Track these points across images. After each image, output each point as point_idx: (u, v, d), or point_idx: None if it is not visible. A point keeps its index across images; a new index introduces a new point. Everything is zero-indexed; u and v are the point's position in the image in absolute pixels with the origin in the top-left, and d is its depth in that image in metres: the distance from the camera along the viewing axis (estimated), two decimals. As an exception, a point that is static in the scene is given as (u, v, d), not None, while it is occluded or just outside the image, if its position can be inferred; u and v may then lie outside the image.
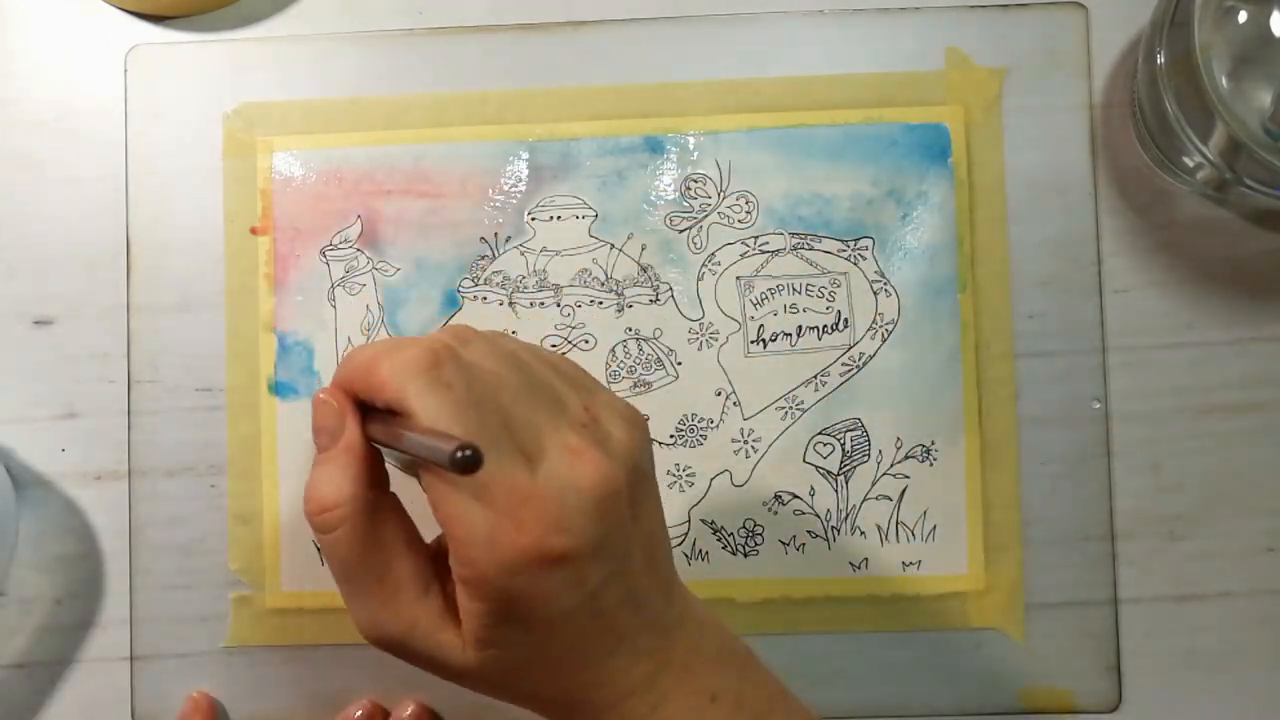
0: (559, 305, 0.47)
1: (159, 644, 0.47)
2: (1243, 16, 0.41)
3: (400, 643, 0.34)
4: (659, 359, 0.47)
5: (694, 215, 0.47)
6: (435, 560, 0.35)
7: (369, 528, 0.34)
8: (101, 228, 0.48)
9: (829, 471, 0.47)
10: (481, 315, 0.47)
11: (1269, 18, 0.41)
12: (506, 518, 0.31)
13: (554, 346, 0.47)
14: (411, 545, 0.35)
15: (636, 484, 0.34)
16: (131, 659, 0.47)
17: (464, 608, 0.33)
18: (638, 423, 0.35)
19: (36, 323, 0.48)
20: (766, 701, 0.36)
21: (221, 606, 0.47)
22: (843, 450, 0.47)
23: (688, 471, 0.47)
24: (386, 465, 0.36)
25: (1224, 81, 0.40)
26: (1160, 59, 0.42)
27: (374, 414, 0.34)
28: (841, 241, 0.47)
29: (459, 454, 0.28)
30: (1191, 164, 0.43)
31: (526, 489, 0.32)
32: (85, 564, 0.47)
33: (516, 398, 0.33)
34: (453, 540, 0.32)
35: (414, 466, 0.34)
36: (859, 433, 0.47)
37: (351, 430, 0.35)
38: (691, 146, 0.47)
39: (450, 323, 0.47)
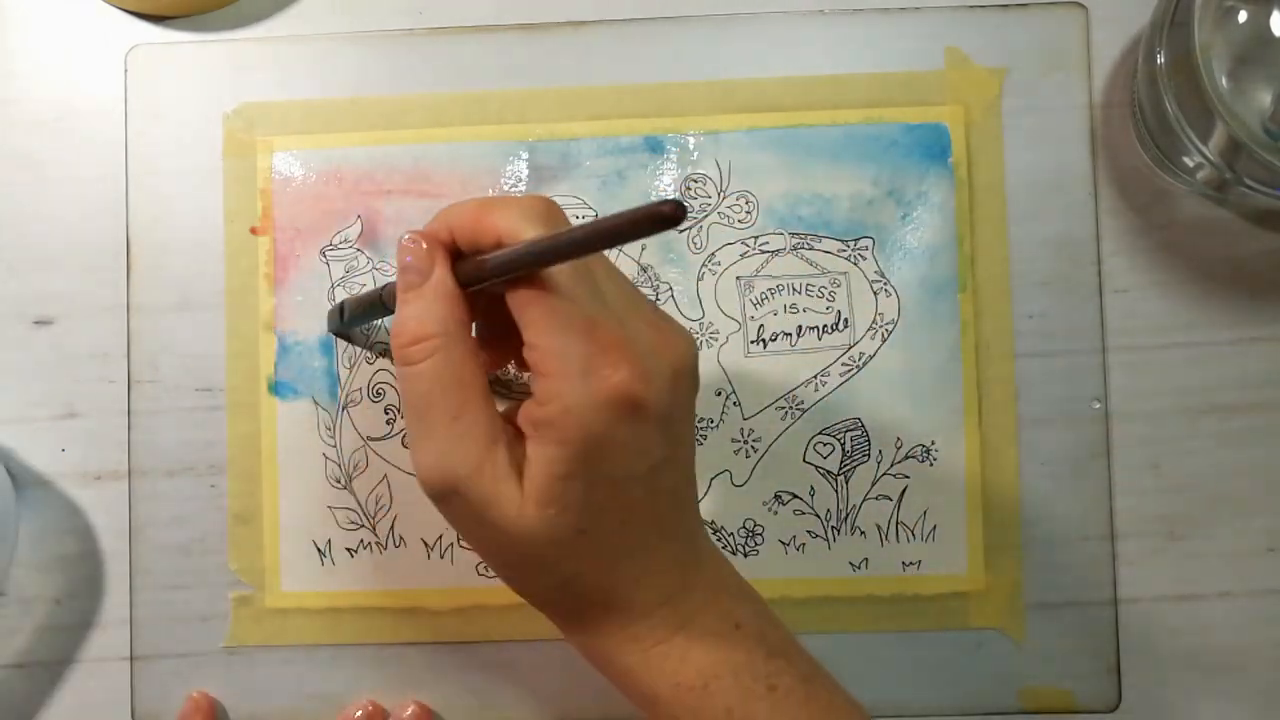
0: (559, 305, 0.47)
1: (159, 644, 0.47)
2: (1243, 16, 0.41)
3: (460, 486, 0.34)
4: (659, 359, 0.47)
5: (694, 215, 0.47)
6: (508, 417, 0.35)
7: (454, 364, 0.34)
8: (101, 228, 0.48)
9: (829, 471, 0.47)
10: (481, 315, 0.47)
11: (1269, 18, 0.41)
12: (602, 354, 0.32)
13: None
14: (487, 395, 0.35)
15: (692, 387, 0.37)
16: (131, 659, 0.47)
17: (536, 457, 0.33)
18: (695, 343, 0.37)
19: (36, 323, 0.48)
20: (783, 641, 0.38)
21: (221, 606, 0.47)
22: (842, 450, 0.47)
23: (688, 471, 0.47)
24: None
25: (1224, 81, 0.40)
26: (1160, 59, 0.42)
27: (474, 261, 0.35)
28: (841, 241, 0.47)
29: (666, 207, 0.28)
30: (1191, 164, 0.43)
31: (622, 337, 0.33)
32: (85, 564, 0.47)
33: (607, 276, 0.35)
34: (542, 375, 0.33)
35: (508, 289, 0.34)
36: (859, 433, 0.47)
37: (442, 267, 0.35)
38: (691, 146, 0.47)
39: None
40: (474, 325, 0.37)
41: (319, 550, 0.47)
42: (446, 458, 0.34)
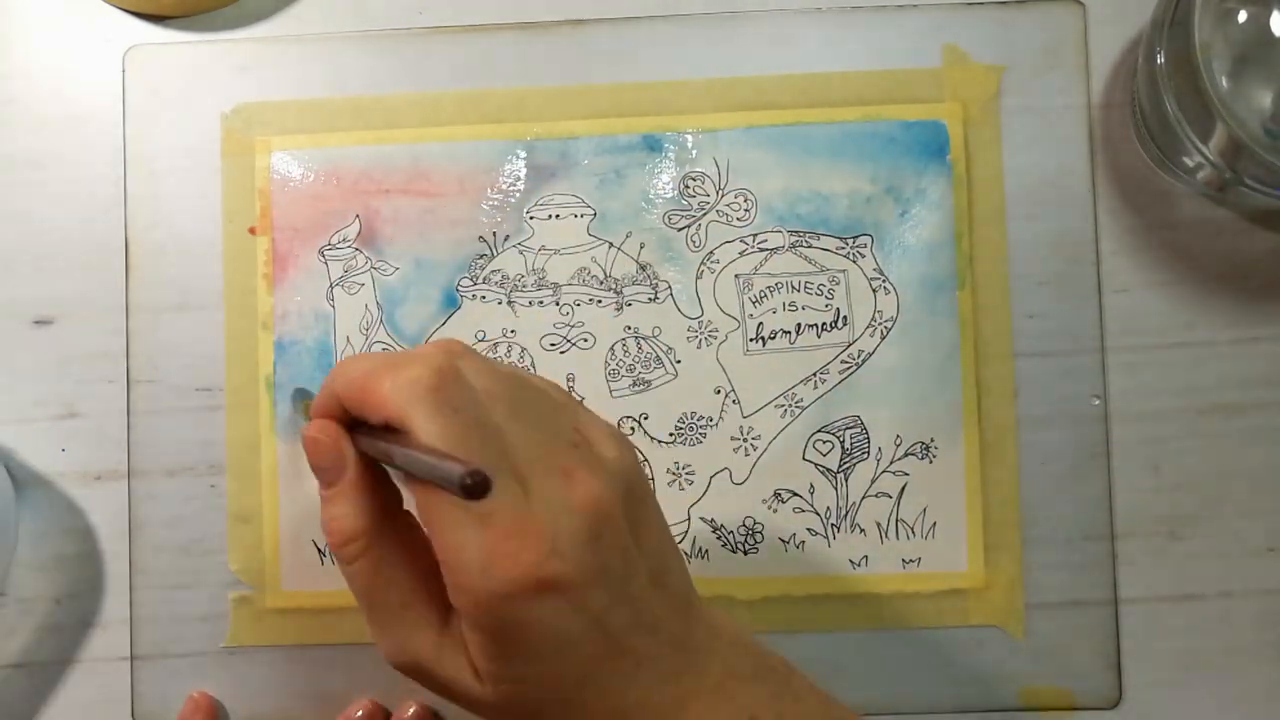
0: (558, 304, 0.47)
1: (159, 644, 0.47)
2: (1243, 16, 0.41)
3: (423, 670, 0.34)
4: (658, 357, 0.47)
5: (692, 213, 0.47)
6: None
7: (388, 556, 0.34)
8: (101, 228, 0.48)
9: (828, 469, 0.47)
10: (480, 314, 0.47)
11: (1269, 18, 0.40)
12: (501, 543, 0.30)
13: (553, 345, 0.47)
14: (432, 571, 0.33)
15: (633, 504, 0.33)
16: (131, 659, 0.47)
17: (469, 640, 0.32)
18: (627, 443, 0.35)
19: (36, 323, 0.48)
20: (807, 717, 0.35)
21: (221, 606, 0.47)
22: (842, 448, 0.47)
23: (687, 470, 0.47)
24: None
25: (1224, 81, 0.40)
26: (1160, 59, 0.42)
27: (364, 427, 0.34)
28: (840, 239, 0.47)
29: (468, 480, 0.28)
30: (1192, 164, 0.43)
31: (521, 513, 0.31)
32: (85, 564, 0.47)
33: (510, 417, 0.33)
34: (447, 567, 0.31)
35: (407, 480, 0.33)
36: (858, 430, 0.47)
37: (353, 464, 0.34)
38: (690, 145, 0.47)
39: (444, 328, 0.47)
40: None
41: (319, 550, 0.47)
42: (404, 645, 0.34)
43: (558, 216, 0.47)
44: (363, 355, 0.35)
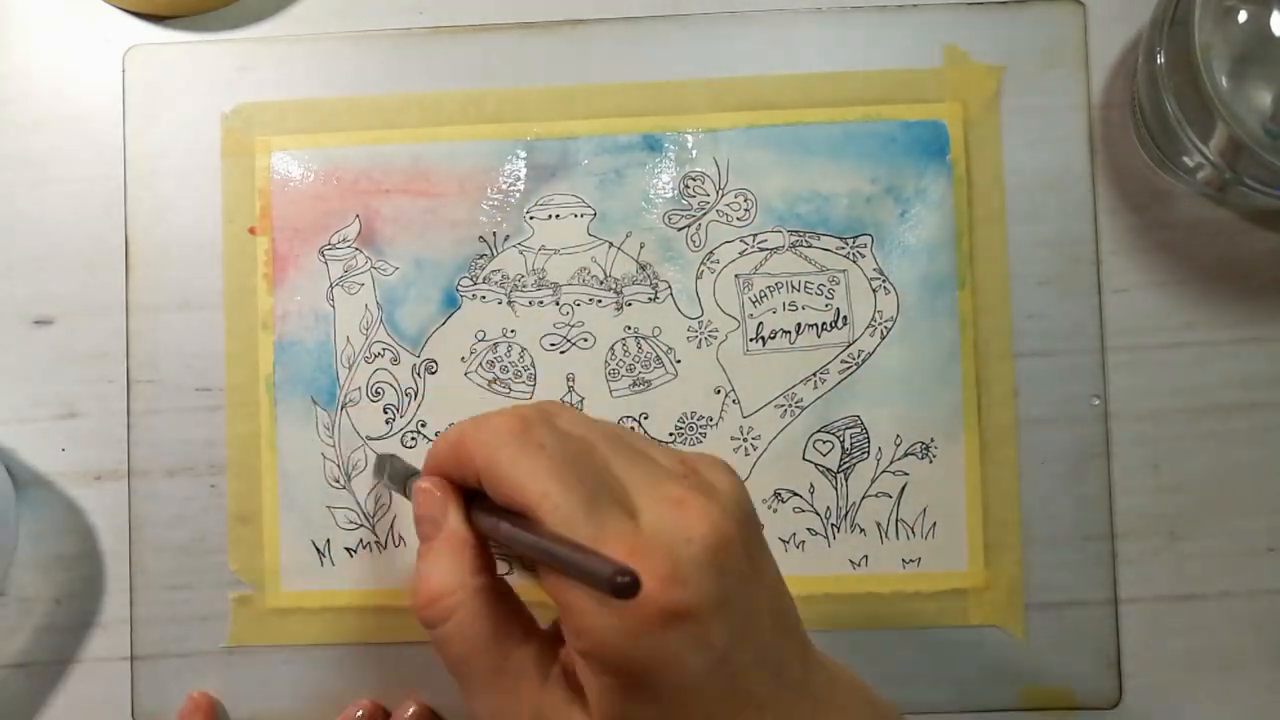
0: (558, 304, 0.47)
1: (159, 644, 0.47)
2: (1243, 16, 0.40)
3: None
4: (658, 357, 0.47)
5: (692, 213, 0.47)
6: (554, 642, 0.34)
7: (482, 616, 0.33)
8: (101, 227, 0.48)
9: (828, 469, 0.47)
10: (480, 314, 0.47)
11: (1269, 18, 0.40)
12: None
13: (553, 345, 0.47)
14: (528, 629, 0.33)
15: (750, 535, 0.32)
16: (131, 659, 0.47)
17: (589, 685, 0.31)
18: (735, 473, 0.33)
19: (36, 323, 0.48)
20: None
21: (221, 606, 0.47)
22: (842, 448, 0.47)
23: (687, 470, 0.47)
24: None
25: (1224, 81, 0.40)
26: (1160, 59, 0.42)
27: (486, 506, 0.33)
28: (840, 239, 0.47)
29: (620, 578, 0.26)
30: (1191, 164, 0.43)
31: (635, 542, 0.29)
32: (85, 564, 0.47)
33: (612, 454, 0.32)
34: (567, 611, 0.30)
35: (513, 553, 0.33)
36: (858, 430, 0.47)
37: (454, 516, 0.34)
38: (690, 144, 0.47)
39: (444, 328, 0.47)
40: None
41: (318, 550, 0.47)
42: (502, 711, 0.32)
43: (558, 216, 0.47)
44: (458, 422, 0.35)
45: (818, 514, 0.47)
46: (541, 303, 0.47)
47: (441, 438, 0.34)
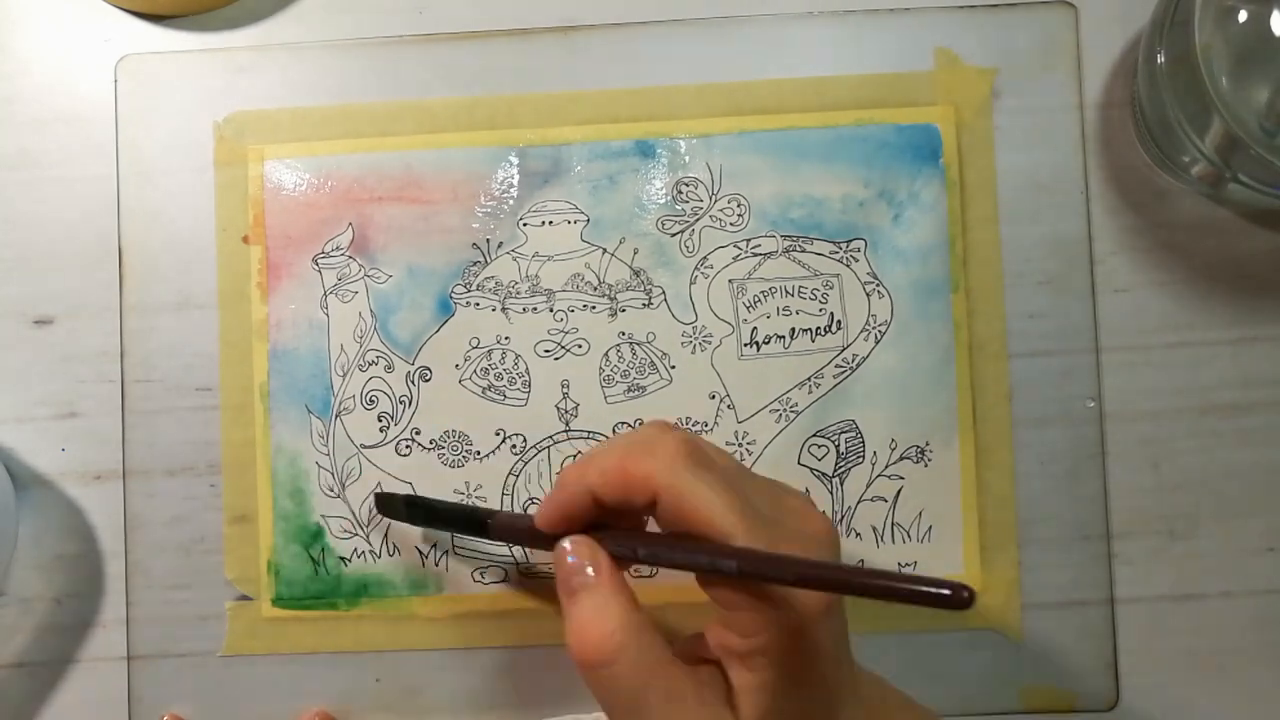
0: (551, 310, 0.47)
1: (158, 644, 0.47)
2: (1243, 16, 0.40)
3: None
4: (652, 363, 0.47)
5: (686, 219, 0.47)
6: (694, 660, 0.35)
7: (652, 645, 0.34)
8: (98, 228, 0.48)
9: (824, 473, 0.47)
10: (474, 321, 0.47)
11: (1269, 18, 0.40)
12: None
13: (547, 351, 0.47)
14: (681, 661, 0.34)
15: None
16: (129, 659, 0.47)
17: (747, 686, 0.34)
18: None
19: (36, 323, 0.48)
20: None
21: (220, 607, 0.47)
22: (837, 452, 0.47)
23: (683, 474, 0.47)
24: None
25: (1224, 81, 0.40)
26: (1160, 58, 0.41)
27: (622, 535, 0.36)
28: (833, 243, 0.47)
29: (965, 593, 0.28)
30: (1190, 162, 0.43)
31: (805, 545, 0.34)
32: (85, 564, 0.48)
33: (738, 472, 0.36)
34: (739, 609, 0.33)
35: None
36: (853, 434, 0.47)
37: (605, 558, 0.35)
38: (683, 150, 0.47)
39: (438, 336, 0.47)
40: None
41: (313, 559, 0.47)
42: None
43: (551, 223, 0.47)
44: (598, 450, 0.36)
45: (815, 516, 0.47)
46: (535, 309, 0.47)
47: (596, 466, 0.35)
